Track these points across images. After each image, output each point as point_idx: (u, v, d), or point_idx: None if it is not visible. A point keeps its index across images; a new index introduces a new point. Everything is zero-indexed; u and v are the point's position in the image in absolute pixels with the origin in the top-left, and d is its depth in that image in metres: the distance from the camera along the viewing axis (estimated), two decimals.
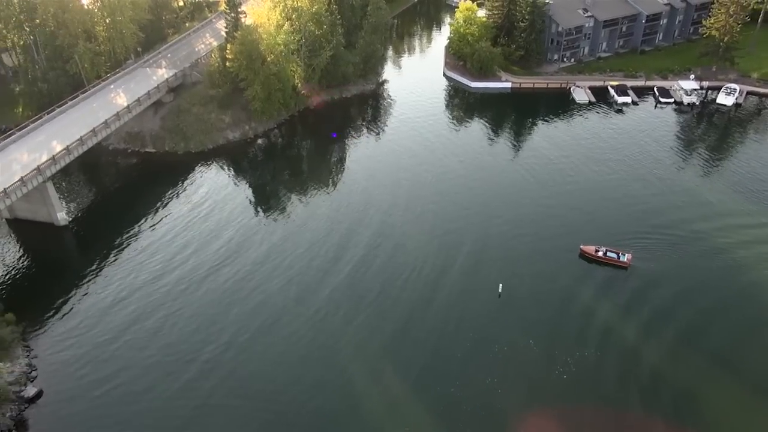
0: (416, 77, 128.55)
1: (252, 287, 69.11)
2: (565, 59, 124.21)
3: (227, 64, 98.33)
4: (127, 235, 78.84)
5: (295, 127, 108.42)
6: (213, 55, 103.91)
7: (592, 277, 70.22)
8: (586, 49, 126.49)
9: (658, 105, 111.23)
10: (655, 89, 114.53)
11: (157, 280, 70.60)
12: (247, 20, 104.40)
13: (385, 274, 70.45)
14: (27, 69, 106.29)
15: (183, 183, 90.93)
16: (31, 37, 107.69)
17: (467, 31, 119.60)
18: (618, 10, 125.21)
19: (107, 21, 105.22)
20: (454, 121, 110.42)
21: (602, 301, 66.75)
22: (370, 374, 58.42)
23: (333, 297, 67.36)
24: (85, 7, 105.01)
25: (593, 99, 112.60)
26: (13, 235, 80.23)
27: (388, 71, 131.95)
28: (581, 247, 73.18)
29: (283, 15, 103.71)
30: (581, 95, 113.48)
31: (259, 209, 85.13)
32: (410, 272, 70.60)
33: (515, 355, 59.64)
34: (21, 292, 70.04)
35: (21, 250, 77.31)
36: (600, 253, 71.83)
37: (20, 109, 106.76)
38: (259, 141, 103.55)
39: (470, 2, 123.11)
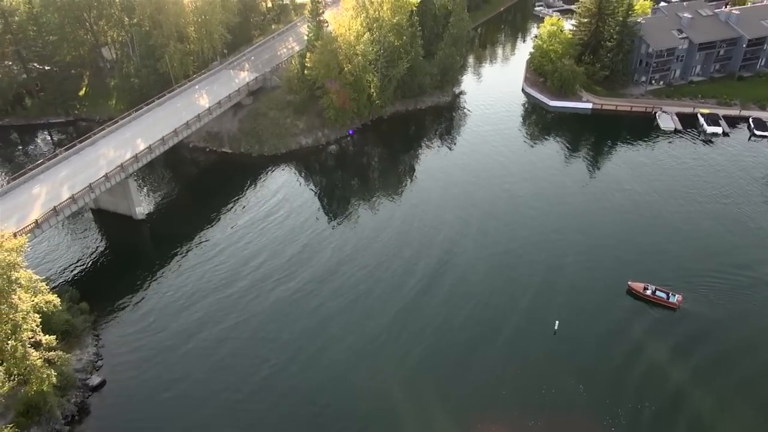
0: (494, 91, 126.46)
1: (319, 302, 69.26)
2: (653, 82, 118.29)
3: (305, 71, 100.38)
4: (200, 235, 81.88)
5: (367, 136, 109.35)
6: (293, 61, 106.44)
7: (638, 316, 66.68)
8: (677, 72, 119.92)
9: (753, 137, 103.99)
10: (750, 120, 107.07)
11: (228, 285, 71.97)
12: (329, 27, 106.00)
13: (450, 305, 68.86)
14: (122, 65, 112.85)
15: (256, 185, 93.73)
16: (128, 35, 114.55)
17: (550, 47, 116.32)
18: (716, 32, 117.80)
19: (199, 22, 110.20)
20: (530, 139, 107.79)
21: (644, 346, 63.07)
22: (423, 410, 57.24)
23: (396, 322, 66.55)
24: (179, 9, 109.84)
25: (680, 127, 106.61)
26: (94, 225, 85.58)
27: (466, 82, 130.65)
28: (629, 283, 69.91)
29: (364, 25, 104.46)
30: (667, 122, 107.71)
31: (329, 218, 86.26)
32: (475, 303, 69.00)
33: (560, 398, 57.55)
34: (95, 282, 74.28)
35: (100, 240, 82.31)
36: (648, 292, 68.45)
37: (114, 102, 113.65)
38: (331, 148, 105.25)
39: (557, 17, 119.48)
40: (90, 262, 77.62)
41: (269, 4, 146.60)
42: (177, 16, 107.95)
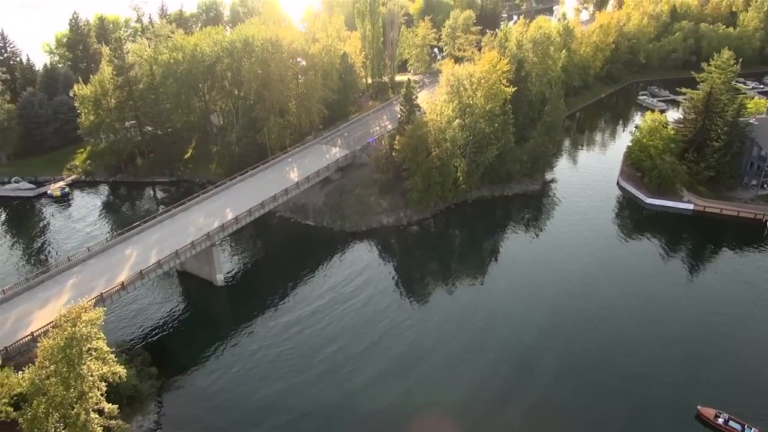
0: (587, 181, 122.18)
1: (392, 401, 66.73)
2: (765, 186, 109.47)
3: (393, 153, 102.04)
4: (278, 308, 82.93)
5: (450, 219, 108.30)
6: (383, 141, 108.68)
7: None
8: None
9: None
10: None
11: (300, 371, 70.67)
12: (421, 110, 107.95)
13: (517, 410, 65.36)
14: (225, 132, 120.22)
15: (337, 262, 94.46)
16: (234, 106, 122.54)
17: (650, 142, 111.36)
18: None
19: (299, 97, 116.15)
20: (622, 236, 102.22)
21: None
22: None
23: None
24: (283, 86, 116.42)
25: None
26: (177, 286, 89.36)
27: (559, 169, 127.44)
28: (699, 408, 62.93)
29: (455, 111, 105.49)
30: None
31: (408, 305, 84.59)
32: (542, 413, 64.84)
33: None
34: (168, 345, 76.66)
35: (179, 303, 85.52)
36: (720, 420, 61.43)
37: (214, 167, 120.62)
38: (413, 228, 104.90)
39: (659, 112, 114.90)
40: (166, 325, 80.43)
41: (369, 81, 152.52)
42: (280, 92, 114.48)
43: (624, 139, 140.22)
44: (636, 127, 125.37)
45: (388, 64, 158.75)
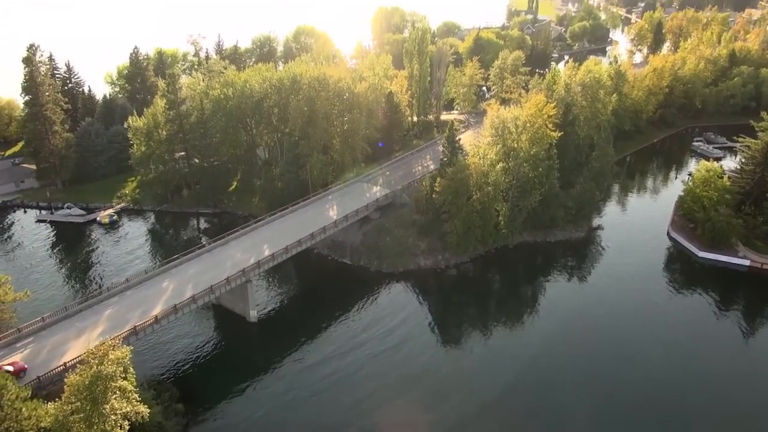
0: (635, 230, 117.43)
1: None
2: None
3: (434, 195, 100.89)
4: (310, 350, 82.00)
5: (489, 264, 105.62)
6: (423, 183, 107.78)
7: None
8: None
9: None
10: None
11: (329, 421, 69.21)
12: (464, 152, 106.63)
13: None
14: (269, 167, 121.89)
15: (370, 302, 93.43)
16: (280, 142, 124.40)
17: (704, 193, 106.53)
18: None
19: (344, 135, 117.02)
20: (671, 292, 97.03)
21: None
22: None
23: None
24: (328, 123, 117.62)
25: None
26: (210, 320, 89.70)
27: (606, 215, 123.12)
28: None
29: (499, 154, 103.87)
30: None
31: (441, 348, 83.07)
32: None
33: None
34: (196, 381, 76.50)
35: (211, 338, 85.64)
36: None
37: (256, 200, 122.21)
38: (450, 272, 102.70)
39: (714, 163, 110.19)
40: (196, 359, 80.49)
41: (414, 119, 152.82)
42: (324, 129, 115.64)
43: (676, 186, 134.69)
44: (689, 175, 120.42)
45: (433, 103, 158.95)
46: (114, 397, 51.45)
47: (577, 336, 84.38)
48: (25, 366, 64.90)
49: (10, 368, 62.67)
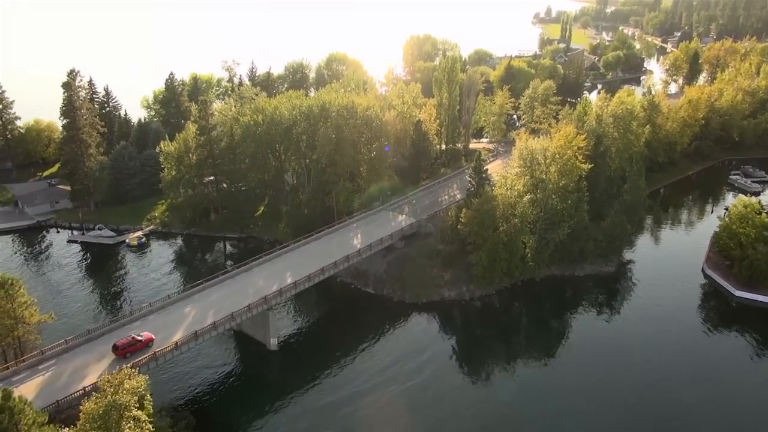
0: (668, 265, 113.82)
1: None
2: None
3: (459, 225, 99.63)
4: (329, 380, 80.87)
5: (515, 297, 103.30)
6: (449, 213, 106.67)
7: None
8: None
9: None
10: None
11: None
12: (491, 183, 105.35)
13: None
14: (296, 193, 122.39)
15: (393, 333, 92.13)
16: (307, 168, 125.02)
17: (740, 230, 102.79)
18: None
19: (371, 162, 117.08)
20: (705, 331, 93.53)
21: None
22: None
23: None
24: (355, 151, 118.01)
25: None
26: (231, 346, 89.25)
27: (638, 249, 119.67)
28: None
29: (527, 186, 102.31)
30: None
31: (467, 385, 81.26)
32: None
33: None
34: (214, 408, 75.89)
35: (231, 364, 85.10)
36: None
37: (282, 226, 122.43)
38: (475, 304, 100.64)
39: (752, 198, 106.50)
40: (214, 386, 79.96)
41: (442, 147, 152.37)
42: (351, 157, 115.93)
43: (712, 221, 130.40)
44: (725, 210, 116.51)
45: (462, 131, 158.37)
46: (128, 426, 51.10)
47: (606, 377, 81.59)
48: (153, 337, 74.72)
49: (141, 338, 73.45)
